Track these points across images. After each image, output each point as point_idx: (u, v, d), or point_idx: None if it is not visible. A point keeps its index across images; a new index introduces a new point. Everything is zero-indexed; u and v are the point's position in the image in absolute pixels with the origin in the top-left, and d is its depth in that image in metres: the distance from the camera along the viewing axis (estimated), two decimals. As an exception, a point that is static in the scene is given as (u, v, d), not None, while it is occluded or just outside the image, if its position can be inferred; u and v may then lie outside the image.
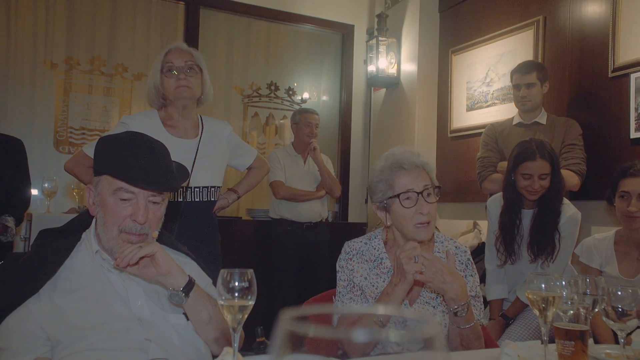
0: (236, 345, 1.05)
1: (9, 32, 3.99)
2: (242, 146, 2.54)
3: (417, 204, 1.58)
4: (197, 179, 2.25)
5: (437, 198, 1.64)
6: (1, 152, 3.00)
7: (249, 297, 1.03)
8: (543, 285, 1.21)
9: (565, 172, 2.69)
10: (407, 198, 1.58)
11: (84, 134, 4.18)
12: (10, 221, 2.99)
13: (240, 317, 1.01)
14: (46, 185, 3.54)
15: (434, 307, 1.61)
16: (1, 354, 1.21)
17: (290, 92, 4.99)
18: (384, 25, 4.59)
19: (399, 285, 1.45)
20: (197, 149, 2.26)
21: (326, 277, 3.53)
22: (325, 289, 1.90)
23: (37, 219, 3.27)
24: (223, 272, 1.02)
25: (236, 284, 1.02)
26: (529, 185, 2.41)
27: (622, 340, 1.25)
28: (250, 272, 1.04)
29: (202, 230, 2.26)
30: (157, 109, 2.30)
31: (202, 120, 2.36)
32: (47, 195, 3.55)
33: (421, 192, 1.58)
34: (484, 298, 2.66)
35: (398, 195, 1.59)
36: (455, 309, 1.46)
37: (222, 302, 1.01)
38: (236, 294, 1.01)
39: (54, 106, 4.14)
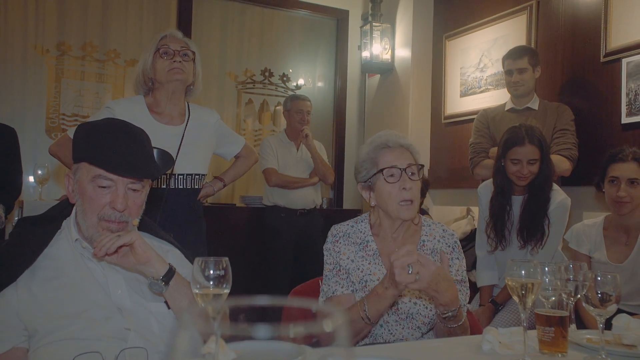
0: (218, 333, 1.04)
1: (-1, 16, 3.95)
2: (230, 134, 2.52)
3: (401, 180, 1.59)
4: (182, 166, 2.23)
5: (421, 177, 1.64)
6: (-7, 139, 2.98)
7: (224, 286, 1.02)
8: (523, 272, 1.20)
9: (556, 158, 2.69)
10: (391, 175, 1.60)
11: (76, 120, 4.15)
12: (0, 209, 2.98)
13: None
14: (39, 172, 3.53)
15: (419, 291, 1.61)
16: (-22, 344, 1.20)
17: (285, 79, 4.95)
18: (378, 11, 4.55)
19: (390, 289, 1.41)
20: (183, 136, 2.24)
21: (319, 264, 3.52)
22: (319, 276, 1.89)
23: (29, 206, 3.26)
24: (198, 261, 1.02)
25: (211, 272, 1.01)
26: (518, 170, 2.40)
27: (602, 326, 1.25)
28: (225, 260, 1.03)
29: (185, 217, 2.25)
30: (144, 94, 2.27)
31: (189, 108, 2.34)
32: (39, 182, 3.54)
33: (405, 169, 1.59)
34: (474, 284, 2.68)
35: (382, 171, 1.60)
36: (445, 314, 1.44)
37: (197, 291, 1.01)
38: (211, 283, 1.01)
39: (45, 92, 4.11)
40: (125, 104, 2.25)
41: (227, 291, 1.03)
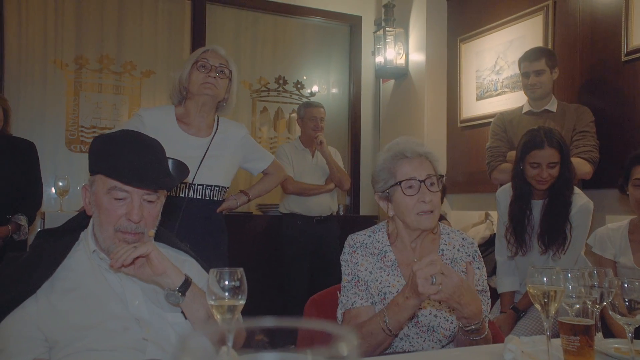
0: (230, 344, 1.03)
1: (20, 33, 4.03)
2: (257, 150, 2.53)
3: (420, 192, 1.54)
4: (203, 177, 2.25)
5: (441, 187, 1.60)
6: (14, 154, 3.04)
7: (240, 297, 1.01)
8: (544, 279, 1.17)
9: (576, 160, 2.63)
10: (410, 186, 1.55)
11: (94, 132, 4.21)
12: (23, 220, 3.04)
13: (230, 317, 1.00)
14: (60, 184, 3.58)
15: (440, 302, 1.58)
16: (-1, 356, 1.21)
17: (299, 86, 4.96)
18: (391, 16, 4.54)
19: (411, 299, 1.37)
20: (208, 148, 2.27)
21: (337, 271, 3.49)
22: (336, 283, 1.87)
23: (50, 217, 3.32)
24: (213, 272, 1.01)
25: (226, 283, 1.00)
26: (538, 174, 2.35)
27: (630, 335, 1.21)
28: (240, 271, 1.02)
29: (204, 228, 2.25)
30: (176, 104, 2.32)
31: (218, 121, 2.37)
32: (59, 194, 3.60)
33: (424, 181, 1.55)
34: (495, 290, 2.63)
35: (400, 183, 1.55)
36: (467, 327, 1.40)
37: (212, 302, 1.00)
38: (226, 294, 1.00)
39: (64, 105, 4.17)
40: (154, 112, 2.29)
41: (242, 302, 1.02)
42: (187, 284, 1.29)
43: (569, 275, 1.25)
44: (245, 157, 2.46)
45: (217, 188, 2.31)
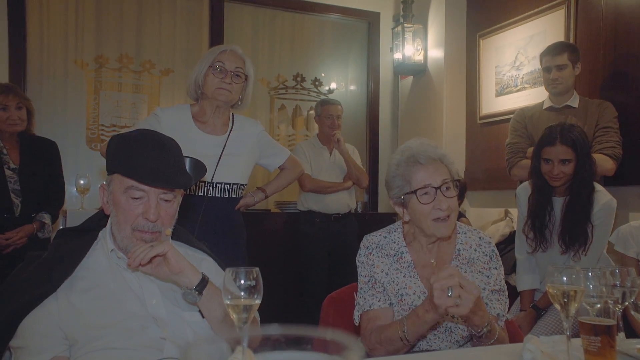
0: (245, 344, 1.04)
1: (42, 34, 4.10)
2: (273, 146, 2.53)
3: (436, 200, 1.51)
4: (222, 175, 2.26)
5: (457, 192, 1.57)
6: (37, 153, 3.10)
7: (255, 296, 1.01)
8: (564, 278, 1.15)
9: (599, 157, 2.58)
10: (425, 193, 1.52)
11: (114, 130, 4.27)
12: (47, 218, 3.10)
13: (246, 316, 1.00)
14: (81, 182, 3.64)
15: (452, 316, 1.57)
16: (20, 353, 1.23)
17: (317, 83, 4.95)
18: (409, 12, 4.50)
19: (430, 313, 1.37)
20: (225, 146, 2.28)
21: (355, 268, 3.49)
22: (354, 281, 1.86)
23: (72, 215, 3.37)
24: (229, 271, 1.01)
25: (242, 282, 1.01)
26: (549, 170, 2.33)
27: (653, 336, 1.18)
28: (256, 271, 1.02)
29: (223, 226, 2.27)
30: (194, 100, 2.34)
31: (233, 118, 2.38)
32: (80, 192, 3.66)
33: (439, 187, 1.52)
34: (514, 288, 2.60)
35: (415, 192, 1.53)
36: (479, 332, 1.42)
37: (228, 302, 1.01)
38: (242, 293, 1.00)
39: (85, 104, 4.24)
40: (171, 111, 2.31)
41: (258, 302, 1.02)
42: (204, 282, 1.30)
43: (590, 274, 1.23)
44: (262, 153, 2.47)
45: (236, 185, 2.32)
